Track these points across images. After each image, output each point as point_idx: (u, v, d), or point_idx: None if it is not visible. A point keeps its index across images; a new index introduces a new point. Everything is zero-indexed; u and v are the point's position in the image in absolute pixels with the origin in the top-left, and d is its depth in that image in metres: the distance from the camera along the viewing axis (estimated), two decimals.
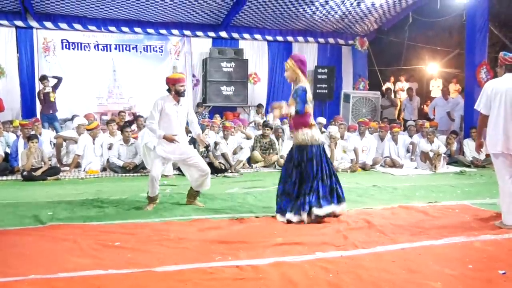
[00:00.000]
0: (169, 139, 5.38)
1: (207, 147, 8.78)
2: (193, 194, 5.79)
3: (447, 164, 9.86)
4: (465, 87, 11.46)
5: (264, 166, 9.66)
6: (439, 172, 9.22)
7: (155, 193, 5.54)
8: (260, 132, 10.20)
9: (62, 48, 11.75)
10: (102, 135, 9.44)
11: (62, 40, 11.74)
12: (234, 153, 9.35)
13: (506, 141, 4.77)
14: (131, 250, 3.89)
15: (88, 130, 9.07)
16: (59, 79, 10.62)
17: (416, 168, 9.71)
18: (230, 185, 7.42)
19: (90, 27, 11.83)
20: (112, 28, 12.01)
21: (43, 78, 10.35)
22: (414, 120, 12.01)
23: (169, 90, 5.50)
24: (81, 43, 11.91)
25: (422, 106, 15.24)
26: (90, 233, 4.42)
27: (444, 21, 12.48)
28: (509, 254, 3.91)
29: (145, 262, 3.61)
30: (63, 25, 11.59)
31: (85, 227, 4.65)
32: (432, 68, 15.74)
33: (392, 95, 13.95)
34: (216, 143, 8.94)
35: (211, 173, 8.41)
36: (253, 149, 9.84)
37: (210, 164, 8.80)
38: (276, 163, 9.63)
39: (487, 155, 10.43)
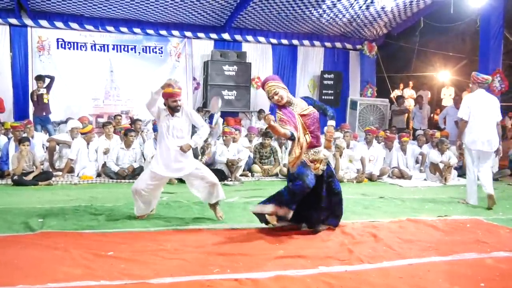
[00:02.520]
0: (167, 84, 5.18)
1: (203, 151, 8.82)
2: (212, 205, 5.55)
3: (458, 176, 9.83)
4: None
5: (265, 175, 9.64)
6: (450, 185, 9.19)
7: (139, 212, 5.41)
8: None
9: (58, 48, 11.79)
10: (97, 139, 9.45)
11: (57, 39, 11.78)
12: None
13: (481, 141, 6.80)
14: (125, 261, 3.87)
15: (82, 134, 9.07)
16: (52, 78, 10.63)
17: (425, 179, 9.69)
18: (230, 194, 7.38)
19: (87, 27, 11.87)
20: (110, 28, 12.06)
21: (39, 78, 10.34)
22: (424, 130, 11.99)
23: (164, 103, 5.38)
24: (77, 43, 11.95)
25: (432, 115, 15.26)
26: (82, 241, 4.40)
27: (457, 27, 12.53)
28: None
29: (140, 273, 3.59)
30: (59, 24, 11.64)
31: (77, 236, 4.64)
32: (444, 76, 15.77)
33: (406, 103, 13.95)
34: (205, 147, 8.83)
35: None
36: (253, 161, 9.81)
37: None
38: (279, 172, 9.60)
39: (500, 167, 10.44)
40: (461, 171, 10.11)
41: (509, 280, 3.69)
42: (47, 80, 10.53)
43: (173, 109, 5.28)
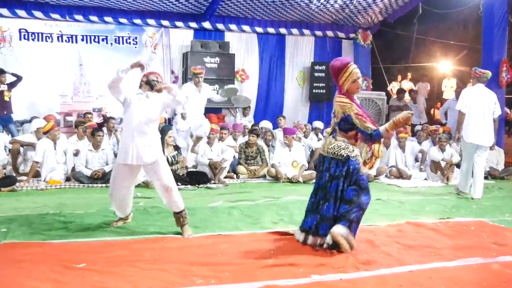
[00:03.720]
0: (138, 64, 5.16)
1: (177, 149, 8.81)
2: (176, 218, 5.27)
3: None
4: None
5: (252, 177, 9.66)
6: (452, 184, 9.28)
7: (121, 213, 5.49)
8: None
9: (20, 39, 11.66)
10: (65, 139, 9.38)
11: (20, 29, 11.65)
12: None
13: (477, 135, 7.66)
14: (99, 273, 3.87)
15: (44, 133, 8.93)
16: (19, 78, 10.52)
17: (425, 179, 9.79)
18: (214, 197, 7.41)
19: (53, 15, 11.75)
20: (78, 17, 11.95)
21: (1, 72, 10.21)
22: (424, 124, 12.07)
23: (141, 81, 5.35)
24: (42, 33, 11.83)
25: (433, 110, 15.37)
26: (50, 253, 4.38)
27: (458, 13, 12.63)
28: None
29: (115, 286, 3.59)
30: (21, 13, 11.50)
31: (45, 246, 4.61)
32: (445, 66, 15.90)
33: (405, 96, 14.03)
34: (178, 155, 8.83)
35: (193, 184, 8.54)
36: (238, 161, 9.83)
37: (194, 174, 8.83)
38: (266, 173, 9.62)
39: (506, 165, 10.56)
40: None
41: None
42: (11, 78, 10.41)
43: (151, 86, 5.24)
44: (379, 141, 4.77)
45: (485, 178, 9.78)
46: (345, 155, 4.69)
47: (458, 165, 9.84)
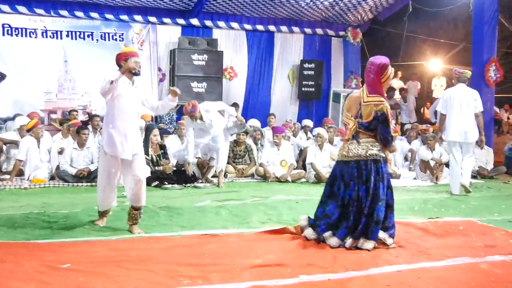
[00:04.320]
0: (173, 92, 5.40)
1: (163, 148, 8.79)
2: (131, 215, 5.32)
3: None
4: (471, 87, 11.64)
5: (240, 176, 9.67)
6: (441, 184, 9.36)
7: (105, 206, 5.49)
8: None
9: (3, 34, 11.54)
10: (49, 137, 9.33)
11: (3, 24, 11.53)
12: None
13: (457, 132, 8.03)
14: (84, 273, 3.85)
15: (27, 130, 8.90)
16: (3, 76, 10.46)
17: (415, 178, 9.86)
18: (201, 197, 7.41)
19: (37, 10, 11.66)
20: (64, 12, 11.86)
21: None
22: (413, 123, 12.15)
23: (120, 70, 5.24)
24: (26, 29, 11.73)
25: (422, 109, 15.46)
26: (35, 253, 4.35)
27: (449, 11, 12.69)
28: None
29: (101, 286, 3.58)
30: (4, 7, 11.40)
31: (29, 246, 4.59)
32: (435, 65, 16.00)
33: (396, 95, 14.11)
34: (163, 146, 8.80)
35: (180, 183, 8.53)
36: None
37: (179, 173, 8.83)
38: (255, 172, 9.64)
39: (495, 164, 10.67)
40: None
41: (505, 285, 3.79)
42: None
43: (133, 72, 5.21)
44: (389, 148, 4.97)
45: (474, 177, 9.97)
46: (377, 152, 4.87)
47: (447, 165, 9.94)
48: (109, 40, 12.43)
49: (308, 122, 11.80)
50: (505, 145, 11.72)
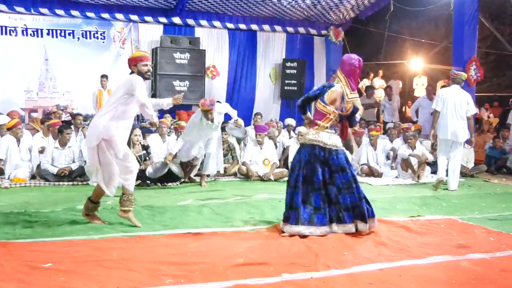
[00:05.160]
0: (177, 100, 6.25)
1: (146, 148, 8.74)
2: (130, 200, 5.47)
3: (432, 172, 10.08)
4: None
5: (222, 175, 9.66)
6: (423, 182, 9.43)
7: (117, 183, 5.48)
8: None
9: None
10: (29, 135, 9.24)
11: None
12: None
13: (448, 131, 8.37)
14: (65, 273, 3.83)
15: (8, 129, 8.84)
16: None
17: (397, 177, 9.90)
18: (183, 196, 7.40)
19: (17, 8, 11.54)
20: (44, 10, 11.76)
21: None
22: (395, 123, 12.22)
23: (132, 73, 5.44)
24: (6, 27, 11.62)
25: (404, 108, 15.57)
26: (15, 252, 4.32)
27: (430, 11, 12.84)
28: (500, 275, 4.05)
29: (82, 286, 3.56)
30: None
31: (10, 246, 4.54)
32: (416, 64, 16.12)
33: (376, 94, 14.17)
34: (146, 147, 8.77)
35: (162, 183, 8.49)
36: None
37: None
38: (237, 171, 9.64)
39: (476, 163, 10.78)
40: (435, 168, 10.41)
41: (485, 283, 3.84)
42: None
43: (144, 76, 5.40)
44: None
45: None
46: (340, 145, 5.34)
47: (429, 164, 10.03)
48: (90, 38, 12.35)
49: (291, 121, 11.81)
50: (485, 144, 11.85)
